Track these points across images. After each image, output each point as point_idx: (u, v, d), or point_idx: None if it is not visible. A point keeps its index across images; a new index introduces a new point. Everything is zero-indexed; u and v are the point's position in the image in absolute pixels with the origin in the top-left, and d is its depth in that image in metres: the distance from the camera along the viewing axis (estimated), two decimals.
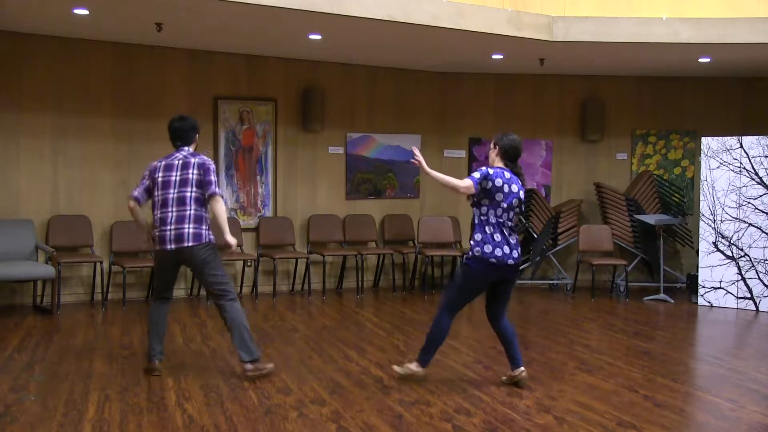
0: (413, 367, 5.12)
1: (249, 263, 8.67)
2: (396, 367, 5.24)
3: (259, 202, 8.97)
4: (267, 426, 4.22)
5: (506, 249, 4.88)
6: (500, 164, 5.03)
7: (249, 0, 6.30)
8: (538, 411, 4.56)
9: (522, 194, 5.01)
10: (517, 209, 5.00)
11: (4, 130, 7.73)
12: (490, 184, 4.86)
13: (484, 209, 4.91)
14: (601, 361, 5.83)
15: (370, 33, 7.53)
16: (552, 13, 7.76)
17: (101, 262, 7.92)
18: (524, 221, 9.56)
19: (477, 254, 4.88)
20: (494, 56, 8.71)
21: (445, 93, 9.98)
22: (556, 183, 10.14)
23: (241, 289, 8.68)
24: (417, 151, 5.05)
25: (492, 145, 5.10)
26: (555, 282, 9.77)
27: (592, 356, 6.00)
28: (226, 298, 5.13)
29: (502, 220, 4.90)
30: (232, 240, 5.13)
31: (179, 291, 8.45)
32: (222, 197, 5.15)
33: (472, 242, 4.94)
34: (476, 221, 4.95)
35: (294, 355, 5.87)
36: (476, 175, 4.89)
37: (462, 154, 9.91)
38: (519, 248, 4.99)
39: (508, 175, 4.96)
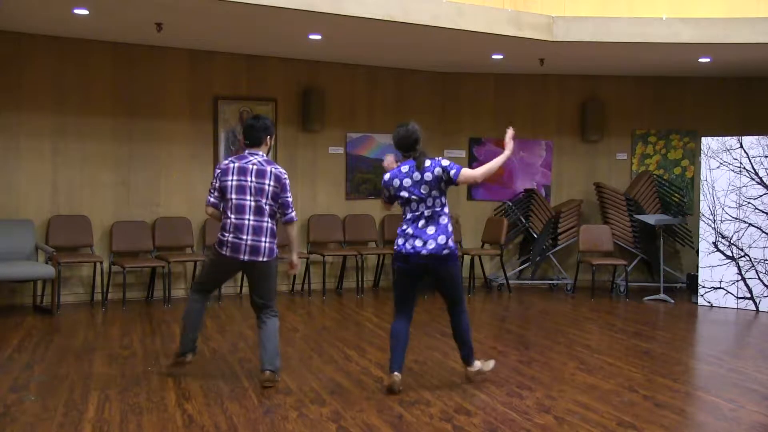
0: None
1: None
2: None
3: None
4: (267, 426, 4.22)
5: (417, 242, 4.80)
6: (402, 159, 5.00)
7: (249, 0, 6.30)
8: (538, 411, 4.55)
9: (435, 171, 4.79)
10: (435, 191, 4.82)
11: (4, 130, 7.73)
12: (392, 189, 4.92)
13: (402, 209, 4.94)
14: (601, 361, 5.82)
15: (370, 33, 7.53)
16: (552, 13, 7.76)
17: (101, 262, 7.92)
18: (524, 221, 9.57)
19: (394, 249, 4.95)
20: (494, 56, 8.71)
21: (445, 93, 9.98)
22: (556, 183, 10.14)
23: (241, 289, 8.67)
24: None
25: None
26: (555, 282, 9.77)
27: (592, 356, 6.00)
28: (271, 312, 5.07)
29: (418, 213, 4.85)
30: (298, 261, 5.19)
31: (179, 291, 8.46)
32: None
33: None
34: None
35: (294, 355, 5.87)
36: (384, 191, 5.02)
37: (462, 154, 9.90)
38: (439, 237, 4.79)
39: (405, 168, 4.89)
